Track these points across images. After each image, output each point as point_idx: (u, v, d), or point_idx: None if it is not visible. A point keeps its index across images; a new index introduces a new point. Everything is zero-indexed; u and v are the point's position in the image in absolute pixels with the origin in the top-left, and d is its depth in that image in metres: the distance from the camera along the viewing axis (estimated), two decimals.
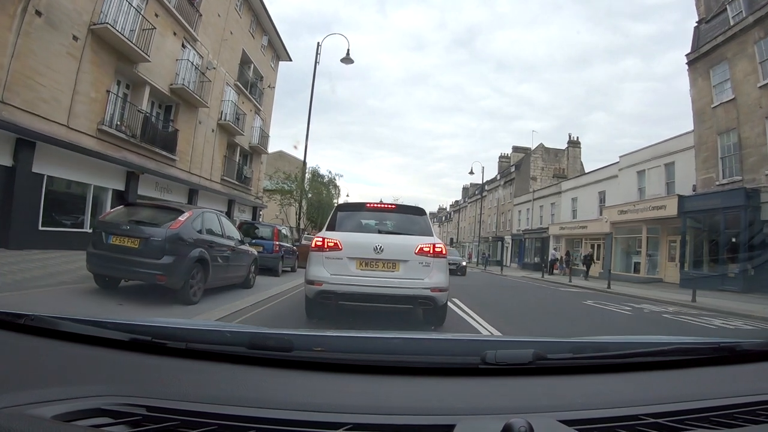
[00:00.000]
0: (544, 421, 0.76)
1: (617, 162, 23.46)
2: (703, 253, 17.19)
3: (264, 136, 24.94)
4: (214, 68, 17.61)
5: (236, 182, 21.70)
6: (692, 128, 18.42)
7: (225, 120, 19.45)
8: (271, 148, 37.40)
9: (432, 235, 5.03)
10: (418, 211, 5.43)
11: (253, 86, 23.04)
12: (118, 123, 13.01)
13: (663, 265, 19.85)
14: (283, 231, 12.67)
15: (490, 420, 0.75)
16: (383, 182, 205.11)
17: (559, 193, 29.74)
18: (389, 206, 5.66)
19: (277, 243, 11.17)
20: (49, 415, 0.69)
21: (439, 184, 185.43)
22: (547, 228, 30.17)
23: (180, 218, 5.79)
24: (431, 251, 4.75)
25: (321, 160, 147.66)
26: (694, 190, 17.92)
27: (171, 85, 15.39)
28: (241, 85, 21.21)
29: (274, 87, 25.67)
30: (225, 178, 20.46)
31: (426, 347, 1.16)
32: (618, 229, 22.40)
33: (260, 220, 27.24)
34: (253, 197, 24.07)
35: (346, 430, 0.73)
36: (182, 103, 16.27)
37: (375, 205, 5.65)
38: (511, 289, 14.84)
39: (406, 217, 5.34)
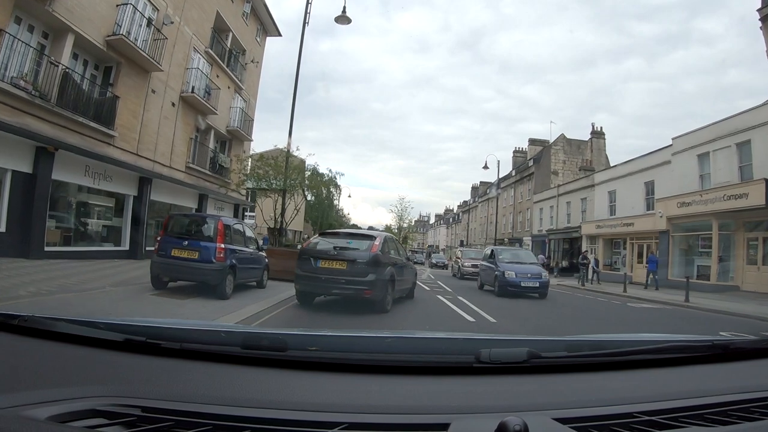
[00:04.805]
0: (539, 419, 0.75)
1: (670, 145, 19.44)
2: None
3: (247, 121, 21.17)
4: (172, 23, 13.85)
5: (209, 172, 17.82)
6: None
7: (190, 92, 15.66)
8: (269, 148, 33.74)
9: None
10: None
11: (233, 59, 19.29)
12: (16, 76, 9.30)
13: (740, 269, 15.82)
14: (238, 227, 8.35)
15: (485, 419, 0.74)
16: (387, 185, 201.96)
17: (592, 186, 25.68)
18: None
19: (222, 246, 7.00)
20: (43, 416, 0.68)
21: (442, 186, 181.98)
22: (578, 227, 26.09)
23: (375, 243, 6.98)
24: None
25: (324, 163, 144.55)
26: None
27: (107, 36, 11.68)
28: (215, 55, 17.45)
29: (258, 63, 21.90)
30: (192, 166, 16.55)
31: (420, 346, 1.15)
32: (676, 226, 18.35)
33: (245, 219, 23.52)
34: (236, 192, 20.20)
35: (341, 429, 0.72)
36: (125, 62, 12.49)
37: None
38: (562, 306, 10.92)
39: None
